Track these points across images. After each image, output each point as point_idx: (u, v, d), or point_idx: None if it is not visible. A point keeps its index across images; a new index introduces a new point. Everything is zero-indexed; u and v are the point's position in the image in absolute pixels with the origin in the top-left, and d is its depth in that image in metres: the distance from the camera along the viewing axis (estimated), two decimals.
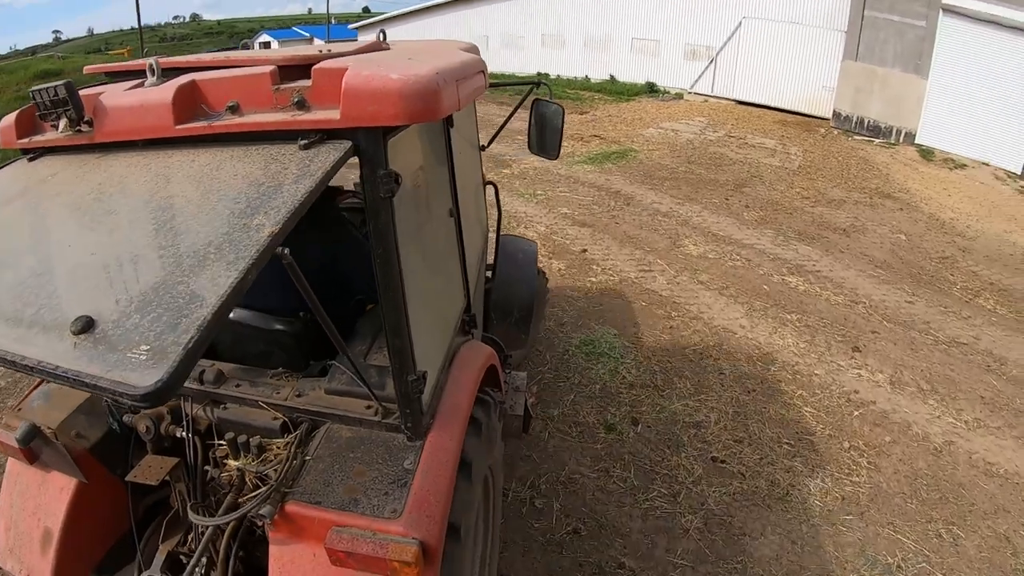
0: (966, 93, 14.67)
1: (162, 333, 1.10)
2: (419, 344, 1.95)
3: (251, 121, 1.61)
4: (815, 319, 6.53)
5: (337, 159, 1.50)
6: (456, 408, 2.20)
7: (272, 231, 1.27)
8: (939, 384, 5.68)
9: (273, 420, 2.13)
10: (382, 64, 1.66)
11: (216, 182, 1.49)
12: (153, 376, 1.02)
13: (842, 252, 8.35)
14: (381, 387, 2.07)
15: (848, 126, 16.54)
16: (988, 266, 8.96)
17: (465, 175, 2.83)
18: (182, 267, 1.26)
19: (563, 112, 3.44)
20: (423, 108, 1.59)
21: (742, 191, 10.60)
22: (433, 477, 1.96)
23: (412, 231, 1.98)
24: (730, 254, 7.85)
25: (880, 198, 11.24)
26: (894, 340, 6.37)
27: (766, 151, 13.59)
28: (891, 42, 15.38)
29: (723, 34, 18.65)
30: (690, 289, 6.86)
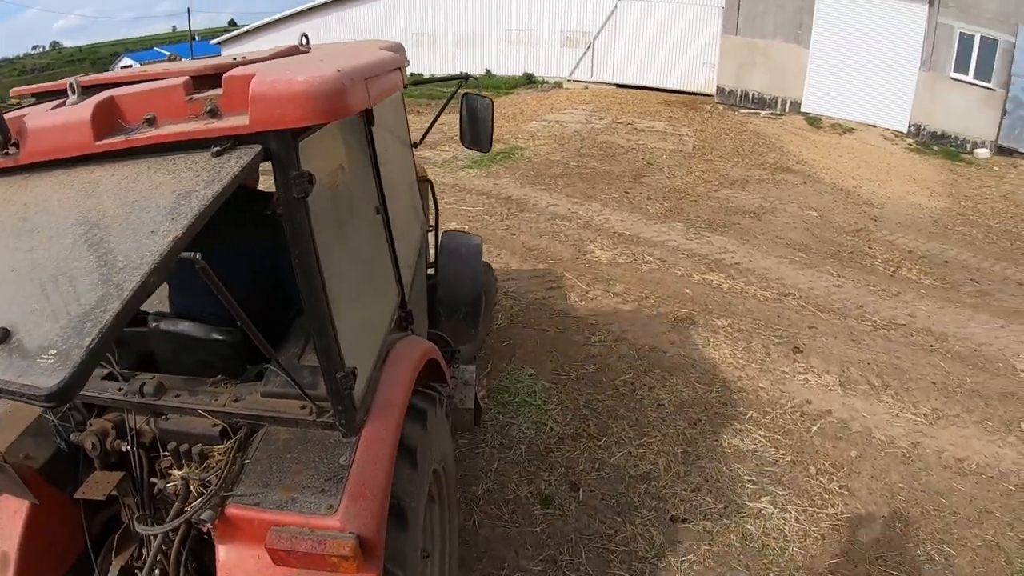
0: (847, 59, 15.50)
1: (68, 338, 1.22)
2: (347, 341, 2.04)
3: (166, 132, 1.69)
4: (747, 321, 6.18)
5: (246, 163, 1.59)
6: (390, 402, 2.31)
7: (176, 236, 1.35)
8: (889, 376, 5.55)
9: (213, 427, 2.24)
10: (290, 67, 1.78)
11: (132, 194, 1.59)
12: (56, 377, 1.14)
13: (757, 238, 8.18)
14: (314, 387, 2.15)
15: (733, 100, 16.98)
16: (902, 233, 9.18)
17: (394, 172, 2.94)
18: (92, 277, 1.36)
19: (492, 105, 3.62)
20: (330, 107, 1.68)
21: (641, 181, 10.31)
22: (369, 471, 2.08)
23: (332, 230, 2.06)
24: (642, 256, 7.41)
25: (781, 173, 11.36)
26: (833, 333, 6.17)
27: (657, 135, 13.52)
28: (771, 14, 16.04)
29: (599, 18, 18.97)
30: (606, 305, 6.31)
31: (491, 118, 3.66)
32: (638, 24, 18.38)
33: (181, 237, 1.37)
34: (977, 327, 6.70)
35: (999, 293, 7.78)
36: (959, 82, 15.04)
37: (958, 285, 7.80)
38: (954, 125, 15.40)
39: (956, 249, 8.95)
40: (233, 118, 1.68)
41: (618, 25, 18.75)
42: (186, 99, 1.73)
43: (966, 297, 7.50)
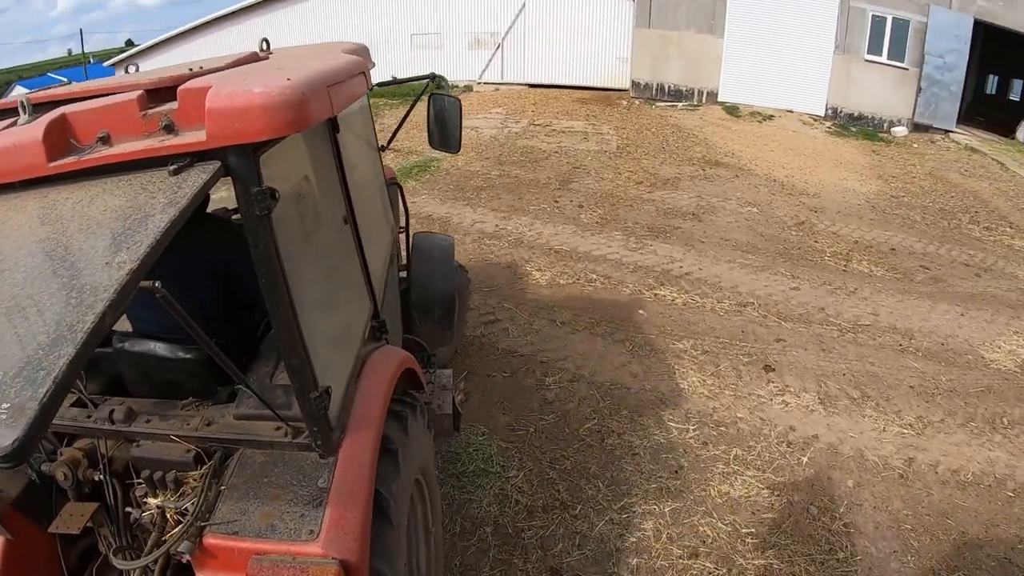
0: (762, 47, 15.97)
1: (21, 389, 1.16)
2: (320, 359, 2.02)
3: (121, 152, 1.65)
4: (711, 340, 5.85)
5: (204, 182, 1.56)
6: (367, 418, 2.30)
7: (132, 268, 1.31)
8: (867, 386, 5.43)
9: (186, 452, 2.20)
10: (247, 78, 1.73)
11: (87, 220, 1.55)
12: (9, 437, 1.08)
13: (702, 242, 7.96)
14: (288, 407, 2.12)
15: (649, 94, 17.05)
16: (844, 223, 9.24)
17: (361, 177, 2.93)
18: (45, 316, 1.32)
19: (460, 105, 3.68)
20: (290, 119, 1.65)
21: (569, 188, 9.95)
22: (348, 493, 2.08)
23: (299, 244, 2.06)
24: (584, 274, 6.99)
25: (711, 167, 11.32)
26: (802, 344, 5.98)
27: (578, 135, 13.27)
28: (684, 5, 16.30)
29: (507, 17, 18.84)
30: (554, 337, 5.83)
31: (459, 118, 3.74)
32: (548, 21, 18.37)
33: (137, 269, 1.33)
34: (939, 318, 6.78)
35: (950, 278, 7.97)
36: (873, 63, 15.62)
37: (910, 274, 7.88)
38: (870, 106, 15.96)
39: (899, 235, 9.10)
40: (190, 133, 1.65)
41: (527, 23, 18.68)
42: (140, 115, 1.69)
43: (921, 286, 7.58)
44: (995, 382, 5.63)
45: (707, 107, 16.48)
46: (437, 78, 3.78)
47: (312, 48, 3.08)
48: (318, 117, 1.82)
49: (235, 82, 1.68)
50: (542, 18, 18.41)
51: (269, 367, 2.37)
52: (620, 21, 17.48)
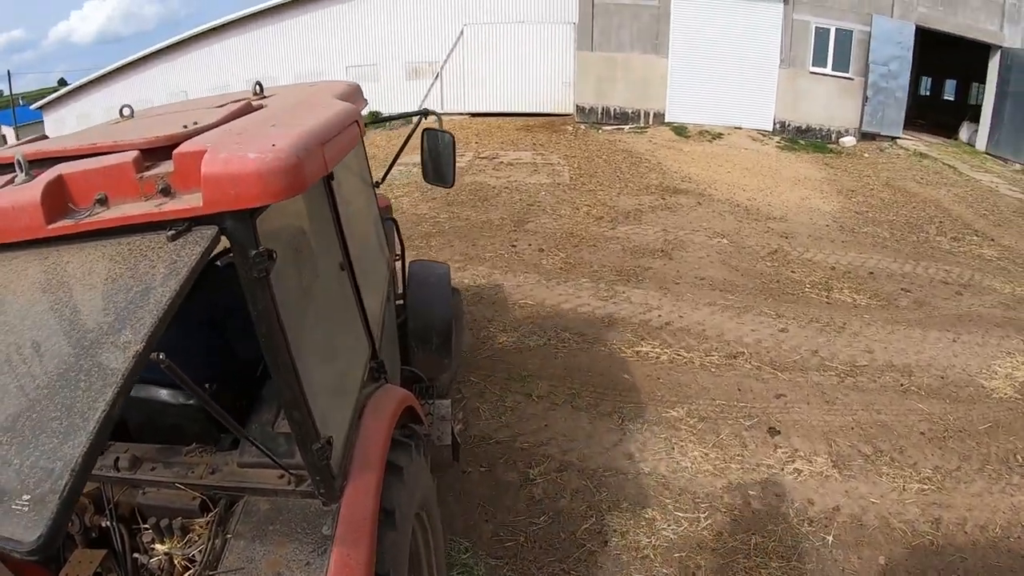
0: (707, 65, 15.98)
1: (40, 480, 1.19)
2: (321, 409, 2.03)
3: (118, 215, 1.66)
4: (706, 403, 5.34)
5: (204, 249, 1.58)
6: (368, 462, 2.31)
7: (137, 350, 1.34)
8: (878, 439, 5.07)
9: (192, 500, 2.26)
10: (242, 140, 1.74)
11: (87, 288, 1.58)
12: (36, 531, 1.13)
13: (677, 284, 7.48)
14: (290, 455, 2.14)
15: (594, 118, 16.79)
16: (816, 248, 8.98)
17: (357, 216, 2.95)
18: (55, 399, 1.34)
19: (453, 140, 3.77)
20: (285, 185, 1.65)
21: (525, 229, 9.39)
22: (352, 540, 2.11)
23: (296, 298, 2.08)
24: (555, 332, 6.38)
25: (671, 195, 10.98)
26: (803, 398, 5.55)
27: (527, 167, 12.78)
28: (626, 27, 16.15)
29: (445, 46, 18.46)
30: (531, 415, 5.20)
31: (453, 153, 3.80)
32: (487, 48, 18.04)
33: (143, 351, 1.35)
34: (932, 348, 6.52)
35: (933, 299, 7.77)
36: (819, 75, 15.72)
37: (893, 299, 7.63)
38: (818, 118, 16.02)
39: (874, 256, 8.89)
40: (187, 196, 1.66)
41: (466, 51, 18.31)
42: (137, 177, 1.71)
43: (907, 313, 7.33)
44: (1000, 414, 5.41)
45: (655, 128, 16.26)
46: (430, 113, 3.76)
47: (305, 92, 2.95)
48: (313, 179, 1.80)
49: (230, 145, 1.68)
50: (481, 45, 18.09)
51: (270, 415, 2.39)
52: (561, 45, 17.29)
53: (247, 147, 1.65)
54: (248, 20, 19.61)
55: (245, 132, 1.89)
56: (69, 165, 1.77)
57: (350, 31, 19.47)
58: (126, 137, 1.92)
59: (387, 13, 18.76)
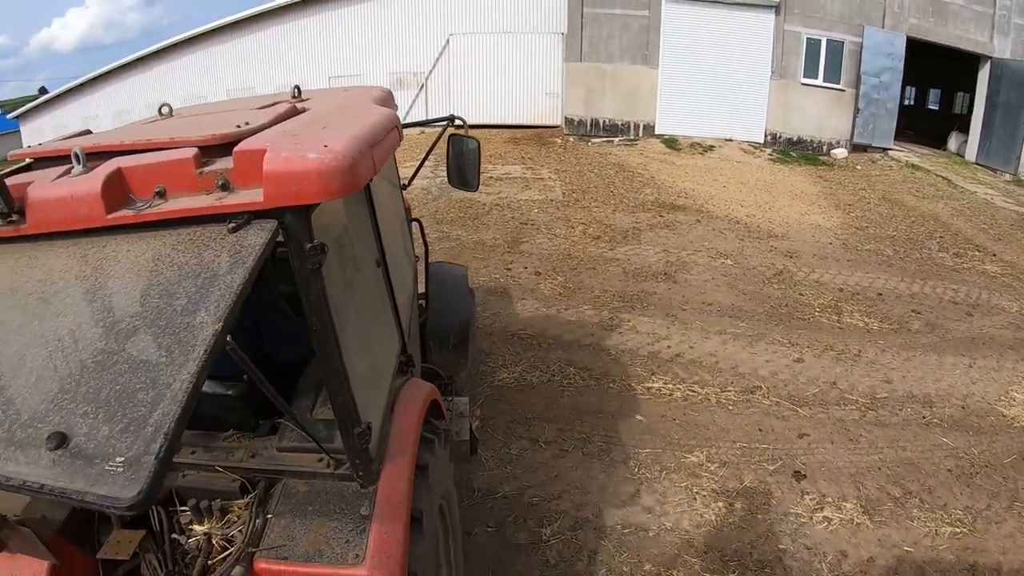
0: (698, 76, 15.73)
1: (132, 444, 1.28)
2: (361, 397, 2.15)
3: (178, 207, 1.72)
4: (726, 446, 4.99)
5: (266, 241, 1.65)
6: (402, 450, 2.44)
7: (216, 329, 1.43)
8: (905, 479, 4.82)
9: (232, 483, 2.33)
10: (299, 140, 1.82)
11: (154, 275, 1.63)
12: (134, 487, 1.21)
13: (684, 310, 7.12)
14: (330, 440, 2.26)
15: (583, 130, 16.47)
16: (822, 268, 8.69)
17: (389, 217, 3.05)
18: (137, 373, 1.43)
19: (479, 145, 3.83)
20: (342, 184, 1.74)
21: (520, 250, 9.01)
22: (389, 520, 2.22)
23: (342, 291, 2.21)
24: (559, 367, 5.98)
25: (668, 212, 10.67)
26: (827, 436, 5.24)
27: (518, 183, 12.40)
28: (616, 37, 15.82)
29: (430, 56, 17.99)
30: (539, 464, 4.79)
31: (478, 159, 3.83)
32: (474, 59, 17.61)
33: (221, 330, 1.43)
34: (949, 375, 6.30)
35: (944, 321, 7.55)
36: (810, 87, 15.53)
37: (905, 322, 7.37)
38: (809, 129, 15.84)
39: (880, 276, 8.64)
40: (246, 192, 1.72)
41: (451, 61, 17.85)
42: (197, 172, 1.76)
43: (921, 337, 7.08)
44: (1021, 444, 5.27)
45: (645, 141, 15.97)
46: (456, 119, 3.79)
47: (343, 97, 3.01)
48: (365, 179, 1.89)
49: (289, 145, 1.75)
50: (467, 55, 17.67)
51: (309, 401, 2.51)
52: (549, 55, 16.93)
53: (306, 147, 1.73)
54: (228, 29, 19.15)
55: (300, 133, 1.95)
56: (127, 159, 1.84)
57: (333, 40, 19.07)
58: (181, 134, 1.99)
59: (371, 22, 18.36)
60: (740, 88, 15.48)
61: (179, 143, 1.91)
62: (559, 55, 16.76)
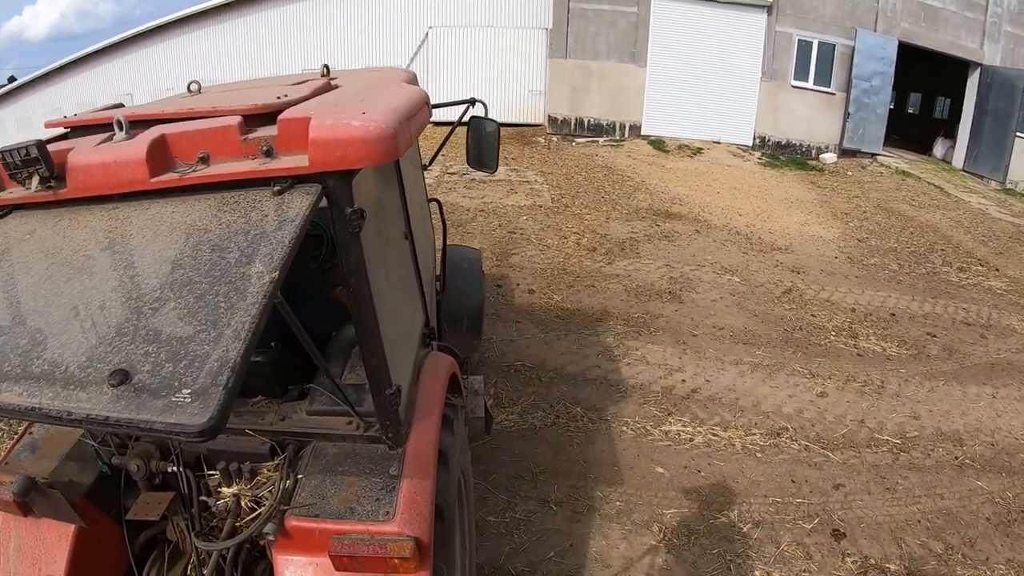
0: (686, 76, 15.27)
1: (199, 378, 1.34)
2: (392, 361, 2.21)
3: (224, 171, 1.80)
4: (759, 503, 4.50)
5: (312, 203, 1.71)
6: (428, 415, 2.56)
7: (272, 278, 1.49)
8: (946, 532, 4.46)
9: (261, 445, 2.39)
10: (340, 109, 1.87)
11: (203, 232, 1.69)
12: (204, 415, 1.26)
13: (694, 335, 6.61)
14: (359, 404, 2.35)
15: (567, 129, 15.92)
16: (831, 286, 8.30)
17: (413, 195, 3.11)
18: (197, 316, 1.48)
19: (499, 128, 3.86)
20: (384, 150, 1.80)
21: (510, 263, 8.41)
22: (417, 480, 2.30)
23: (377, 258, 2.27)
24: (564, 407, 5.35)
25: (664, 220, 10.19)
26: (863, 486, 4.77)
27: (503, 186, 11.79)
28: (603, 33, 15.26)
29: (409, 50, 17.14)
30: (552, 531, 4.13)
31: (497, 140, 3.88)
32: (454, 53, 16.82)
33: (276, 280, 1.49)
34: (975, 407, 5.97)
35: (961, 345, 7.21)
36: (800, 89, 15.16)
37: (922, 346, 7.00)
38: (798, 133, 15.50)
39: (891, 295, 8.30)
40: (290, 158, 1.79)
41: (431, 55, 17.01)
42: (240, 139, 1.83)
43: (941, 364, 6.73)
44: None
45: (632, 142, 15.45)
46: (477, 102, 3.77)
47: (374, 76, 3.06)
48: (404, 148, 1.91)
49: (332, 113, 1.81)
50: (447, 49, 16.89)
51: (338, 368, 2.57)
52: (533, 51, 16.24)
53: (349, 116, 1.77)
54: (198, 18, 18.19)
55: (340, 104, 1.99)
56: (170, 126, 1.88)
57: (306, 31, 18.29)
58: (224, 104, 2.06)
59: (346, 13, 17.56)
60: (729, 89, 15.04)
61: (222, 111, 1.96)
62: (543, 51, 16.09)
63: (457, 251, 5.04)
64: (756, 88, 15.14)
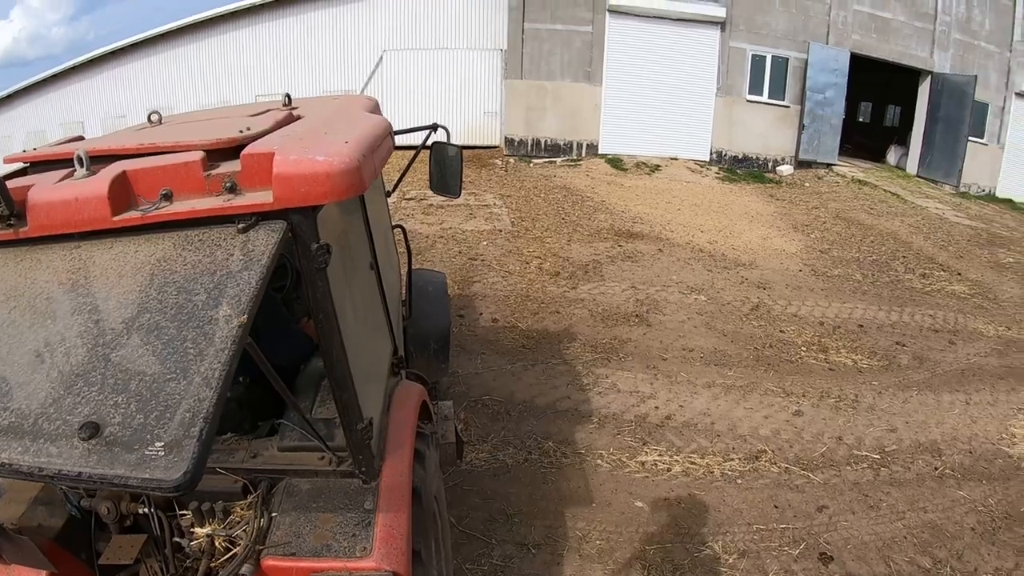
0: (642, 93, 15.54)
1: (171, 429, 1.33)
2: (362, 394, 2.25)
3: (187, 209, 1.78)
4: (742, 531, 4.50)
5: (277, 240, 1.72)
6: (400, 447, 2.56)
7: (241, 322, 1.49)
8: (933, 546, 4.51)
9: (234, 484, 2.37)
10: (305, 143, 1.90)
11: (168, 273, 1.69)
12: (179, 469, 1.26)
13: (664, 359, 6.62)
14: (331, 438, 2.36)
15: (524, 151, 16.02)
16: (798, 300, 8.44)
17: (378, 224, 3.13)
18: (166, 364, 1.48)
19: (461, 153, 3.84)
20: (349, 185, 1.82)
21: (471, 291, 8.35)
22: (393, 513, 2.31)
23: (343, 291, 2.26)
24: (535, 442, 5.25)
25: (627, 240, 10.25)
26: (847, 506, 4.78)
27: (461, 210, 11.75)
28: (558, 53, 15.46)
29: (363, 73, 17.18)
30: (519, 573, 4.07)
31: (460, 165, 3.90)
32: (409, 76, 16.86)
33: (246, 323, 1.49)
34: (949, 415, 6.12)
35: (930, 353, 7.41)
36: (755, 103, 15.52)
37: (893, 357, 7.17)
38: (754, 146, 15.84)
39: (858, 306, 8.53)
40: (254, 194, 1.78)
41: (386, 79, 17.03)
42: (204, 174, 1.82)
43: (912, 373, 6.91)
44: None
45: (589, 161, 15.61)
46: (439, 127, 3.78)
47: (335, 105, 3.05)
48: (369, 181, 1.95)
49: (296, 147, 1.82)
50: (402, 72, 16.95)
51: (308, 402, 2.58)
52: (488, 73, 16.37)
53: (313, 151, 1.80)
54: (151, 43, 18.01)
55: (304, 137, 2.00)
56: (132, 162, 1.90)
57: (261, 56, 18.25)
58: (186, 138, 2.04)
59: (300, 38, 17.54)
60: (685, 105, 15.36)
61: (184, 146, 1.95)
62: (499, 72, 16.25)
63: (422, 274, 5.09)
64: (712, 103, 15.48)
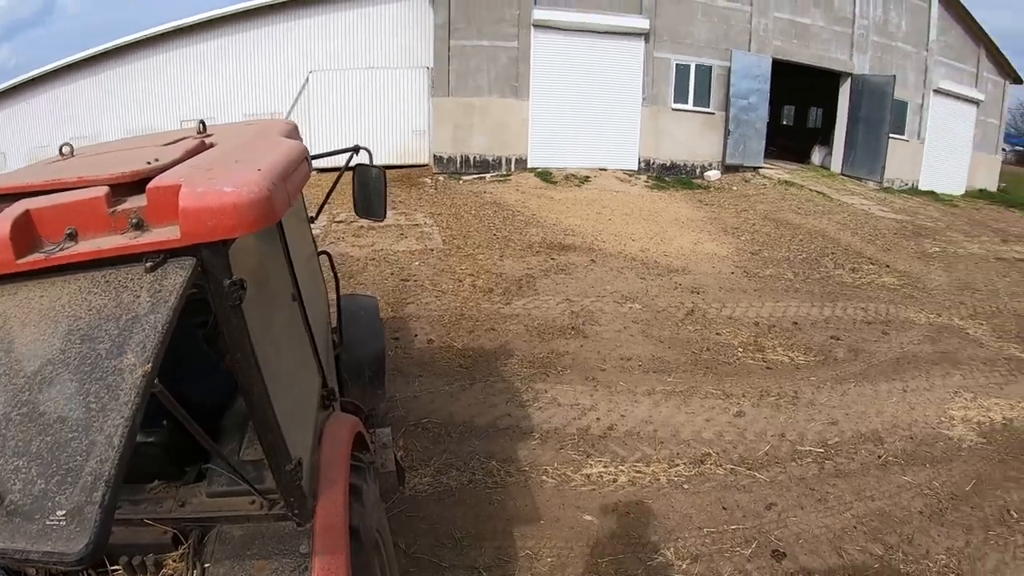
0: (569, 106, 15.64)
1: (73, 495, 1.27)
2: (289, 433, 2.13)
3: (91, 249, 1.72)
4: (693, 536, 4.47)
5: (186, 278, 1.66)
6: (334, 484, 2.46)
7: (145, 371, 1.44)
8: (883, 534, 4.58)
9: (163, 535, 2.29)
10: (213, 173, 1.82)
11: (73, 320, 1.61)
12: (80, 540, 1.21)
13: (603, 370, 6.58)
14: (260, 481, 2.24)
15: (453, 168, 15.97)
16: (731, 302, 8.60)
17: (300, 252, 3.04)
18: (67, 422, 1.42)
19: (384, 175, 3.82)
20: (260, 216, 1.74)
21: (405, 313, 8.17)
22: (329, 555, 2.21)
23: (263, 327, 2.13)
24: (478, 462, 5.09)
25: (559, 253, 10.24)
26: (795, 502, 4.80)
27: (392, 232, 11.56)
28: (484, 69, 15.50)
29: (289, 95, 16.91)
30: None
31: (384, 187, 3.87)
32: (335, 96, 16.66)
33: (150, 372, 1.44)
34: (888, 404, 6.30)
35: (865, 344, 7.63)
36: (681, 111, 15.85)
37: (829, 351, 7.34)
38: (681, 153, 16.16)
39: (791, 304, 8.72)
40: (161, 230, 1.73)
41: (312, 100, 16.78)
42: (109, 211, 1.76)
43: (849, 366, 7.09)
44: (978, 467, 5.37)
45: (518, 175, 15.64)
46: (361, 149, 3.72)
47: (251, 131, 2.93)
48: (282, 211, 1.89)
49: (204, 180, 1.75)
50: (328, 93, 16.76)
51: (235, 443, 2.47)
52: (415, 91, 16.29)
53: (221, 182, 1.73)
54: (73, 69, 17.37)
55: (213, 167, 1.95)
56: (34, 200, 1.81)
57: (185, 80, 17.83)
58: (91, 172, 1.98)
59: (223, 61, 17.18)
60: (612, 116, 15.60)
61: (88, 182, 1.89)
62: (425, 90, 16.21)
63: (353, 300, 5.04)
64: (638, 113, 15.77)
